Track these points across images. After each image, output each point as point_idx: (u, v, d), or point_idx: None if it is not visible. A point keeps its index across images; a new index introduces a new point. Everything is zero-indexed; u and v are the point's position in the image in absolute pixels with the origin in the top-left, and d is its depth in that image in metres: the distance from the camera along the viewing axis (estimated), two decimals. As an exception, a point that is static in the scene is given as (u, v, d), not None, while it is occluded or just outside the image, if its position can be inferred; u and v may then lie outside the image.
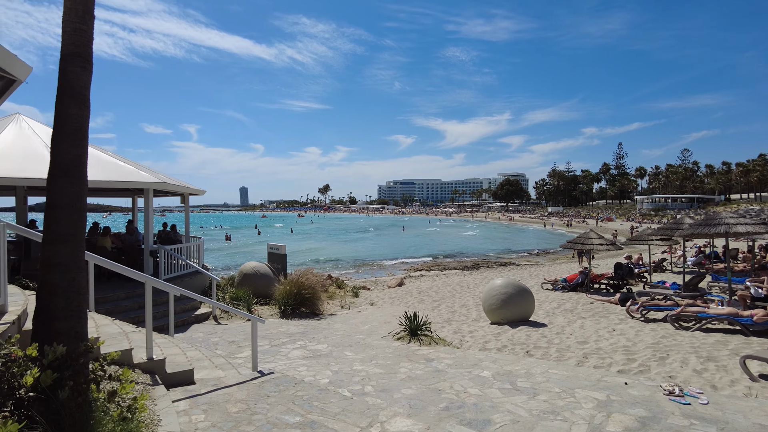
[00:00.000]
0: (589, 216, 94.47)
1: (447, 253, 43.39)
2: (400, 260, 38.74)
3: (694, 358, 7.56)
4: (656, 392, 5.67)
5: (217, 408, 4.75)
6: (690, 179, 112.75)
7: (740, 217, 10.62)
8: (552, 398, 5.55)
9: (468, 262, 36.23)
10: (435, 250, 45.96)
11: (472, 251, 44.92)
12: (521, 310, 10.59)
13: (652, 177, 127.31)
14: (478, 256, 41.56)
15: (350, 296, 15.76)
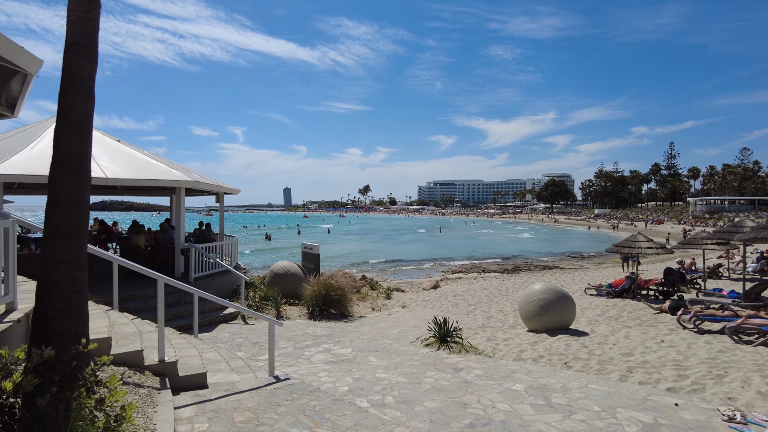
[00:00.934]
0: (638, 218, 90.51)
1: (486, 256, 42.41)
2: (438, 262, 38.13)
3: (759, 377, 6.77)
4: (713, 417, 5.03)
5: (223, 416, 4.50)
6: (750, 180, 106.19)
7: (810, 221, 9.58)
8: (590, 418, 5.01)
9: (508, 265, 35.20)
10: (474, 252, 45.04)
11: (514, 254, 43.73)
12: (561, 317, 9.94)
13: (707, 178, 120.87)
14: (519, 258, 40.44)
15: (382, 298, 15.41)
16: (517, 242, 57.55)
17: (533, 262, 37.43)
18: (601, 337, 9.54)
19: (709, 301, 12.31)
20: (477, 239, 63.10)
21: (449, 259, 40.34)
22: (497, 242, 58.20)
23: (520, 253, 44.21)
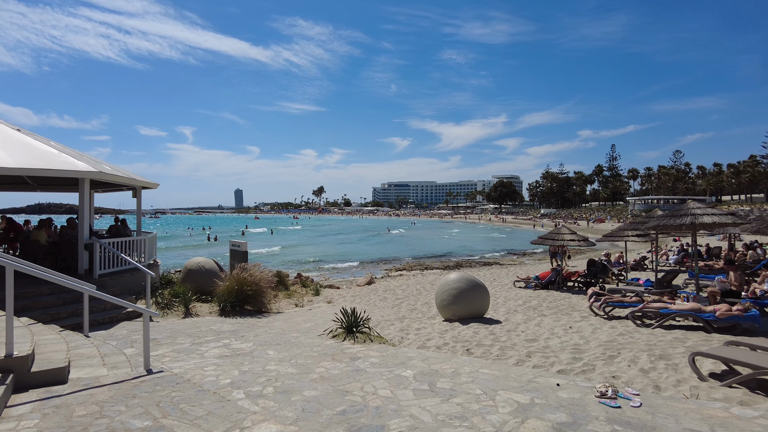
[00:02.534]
0: (581, 217, 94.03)
1: (432, 254, 42.73)
2: (384, 261, 38.03)
3: (646, 356, 6.91)
4: (588, 394, 5.00)
5: (62, 412, 4.06)
6: (682, 180, 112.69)
7: (708, 208, 10.00)
8: (468, 401, 4.88)
9: (451, 262, 35.55)
10: (422, 251, 45.29)
11: (460, 252, 44.30)
12: (474, 306, 9.92)
13: (645, 179, 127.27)
14: (465, 256, 40.97)
15: (311, 295, 15.05)
16: (464, 241, 58.42)
17: (476, 259, 38.00)
18: (513, 325, 9.58)
19: (626, 290, 12.67)
20: (429, 239, 63.55)
21: (396, 258, 40.33)
22: (445, 241, 58.89)
23: (465, 251, 44.86)
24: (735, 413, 4.42)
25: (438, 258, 39.79)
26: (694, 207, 10.03)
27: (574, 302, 12.31)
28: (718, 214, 9.60)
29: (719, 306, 8.58)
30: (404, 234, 73.43)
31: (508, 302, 12.90)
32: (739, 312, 8.34)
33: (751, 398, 5.27)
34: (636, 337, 8.18)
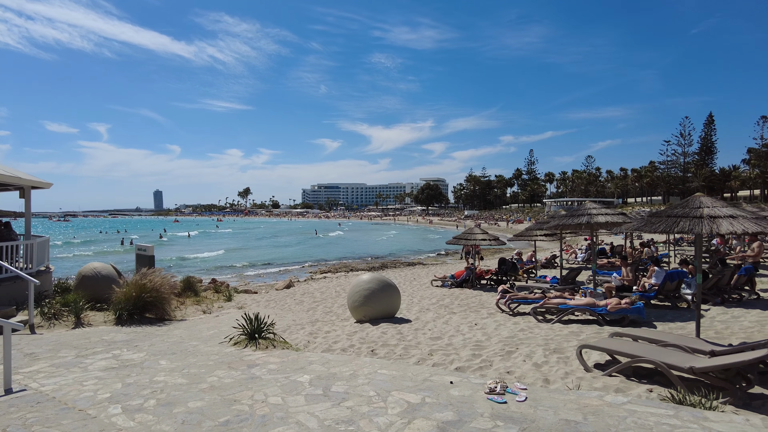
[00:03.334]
0: (502, 218, 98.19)
1: (359, 255, 42.74)
2: (310, 263, 37.47)
3: (541, 350, 7.19)
4: (478, 391, 5.07)
5: None
6: (593, 183, 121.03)
7: (603, 208, 10.67)
8: (359, 404, 4.79)
9: (377, 263, 35.66)
10: (349, 253, 45.15)
11: (386, 253, 44.61)
12: (385, 306, 9.92)
13: (560, 182, 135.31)
14: (390, 257, 41.28)
15: (222, 300, 14.43)
16: (392, 242, 59.03)
17: (401, 259, 38.42)
18: (422, 323, 9.68)
19: (533, 287, 13.24)
20: (361, 241, 63.45)
21: (323, 260, 39.89)
22: (374, 243, 59.17)
23: (392, 252, 45.26)
24: (608, 401, 4.65)
25: (365, 259, 39.82)
26: (591, 207, 10.67)
27: (484, 300, 12.69)
28: (610, 214, 10.28)
29: (610, 300, 9.16)
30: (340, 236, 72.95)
31: (423, 301, 13.06)
32: (626, 305, 8.94)
33: (626, 385, 5.60)
34: (536, 333, 8.53)
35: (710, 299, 11.23)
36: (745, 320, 9.30)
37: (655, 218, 6.90)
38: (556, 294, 10.59)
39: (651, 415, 4.24)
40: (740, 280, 11.96)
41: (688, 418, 4.17)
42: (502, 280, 15.88)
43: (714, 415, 4.23)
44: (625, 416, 4.23)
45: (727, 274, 11.72)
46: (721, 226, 6.18)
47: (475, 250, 17.38)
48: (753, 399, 5.22)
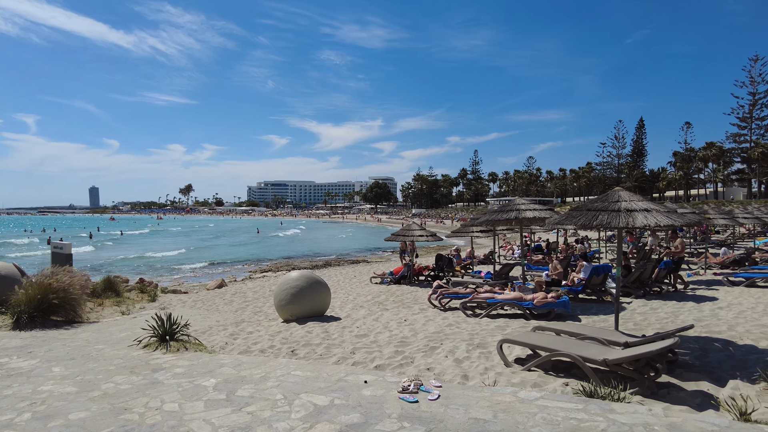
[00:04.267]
0: (447, 217, 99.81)
1: (303, 254, 41.98)
2: (251, 262, 36.38)
3: (465, 346, 7.09)
4: (392, 390, 4.84)
5: None
6: (534, 183, 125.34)
7: (531, 204, 10.79)
8: (262, 408, 4.44)
9: (320, 261, 35.13)
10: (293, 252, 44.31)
11: (332, 251, 44.07)
12: (313, 304, 9.57)
13: (503, 181, 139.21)
14: (334, 255, 40.77)
15: (146, 301, 13.57)
16: (339, 241, 58.54)
17: (345, 258, 38.07)
18: (351, 321, 9.42)
19: (467, 282, 13.27)
20: (313, 240, 62.33)
21: (266, 259, 38.87)
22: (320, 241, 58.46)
23: (337, 250, 44.74)
24: (521, 397, 4.53)
25: (311, 258, 39.15)
26: (520, 203, 10.78)
27: (419, 295, 12.59)
28: (539, 209, 10.40)
29: (537, 294, 9.24)
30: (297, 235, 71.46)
31: (359, 298, 12.81)
32: (552, 299, 9.04)
33: (543, 380, 5.56)
34: (463, 328, 8.45)
35: (633, 292, 11.63)
36: (662, 311, 9.64)
37: (576, 212, 6.95)
38: (487, 289, 10.61)
39: (561, 410, 4.15)
40: (660, 274, 12.48)
41: (595, 410, 4.11)
42: (439, 276, 15.89)
43: (620, 407, 4.19)
44: (535, 412, 4.12)
45: (649, 268, 12.19)
46: (637, 219, 6.28)
47: (410, 247, 17.35)
48: (660, 387, 5.30)
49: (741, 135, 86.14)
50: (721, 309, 9.77)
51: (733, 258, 17.81)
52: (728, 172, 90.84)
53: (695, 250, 22.72)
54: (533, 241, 29.02)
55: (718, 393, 5.11)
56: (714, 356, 6.45)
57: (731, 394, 5.04)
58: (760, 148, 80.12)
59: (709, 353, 6.62)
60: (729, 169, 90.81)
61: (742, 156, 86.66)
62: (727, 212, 23.48)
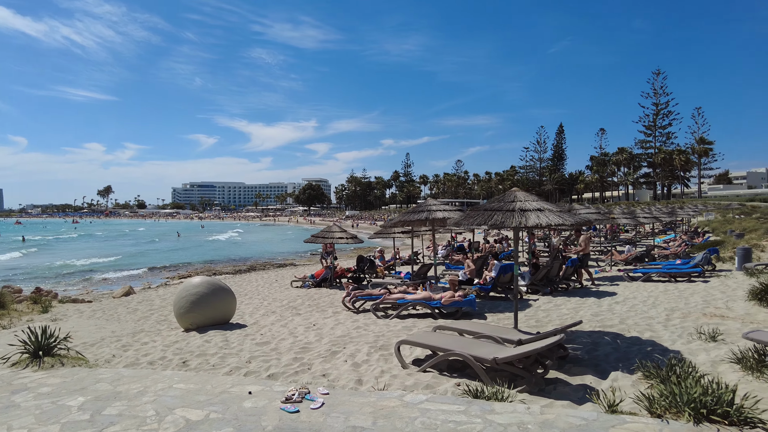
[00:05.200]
0: (380, 218, 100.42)
1: (228, 258, 40.48)
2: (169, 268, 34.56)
3: (367, 348, 6.96)
4: (276, 400, 4.59)
5: None
6: (462, 186, 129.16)
7: (442, 205, 10.91)
8: (127, 428, 4.04)
9: (244, 266, 33.98)
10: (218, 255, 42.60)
11: (261, 254, 42.81)
12: (216, 312, 9.09)
13: (433, 184, 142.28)
14: (261, 259, 39.61)
15: (37, 312, 12.37)
16: (269, 243, 57.03)
17: (273, 261, 37.12)
18: (258, 327, 9.04)
19: (385, 283, 13.21)
20: (248, 243, 60.02)
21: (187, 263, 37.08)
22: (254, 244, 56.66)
23: (266, 253, 43.51)
24: (407, 400, 4.44)
25: (235, 261, 37.78)
26: (431, 204, 10.88)
27: (336, 299, 12.37)
28: (448, 210, 10.53)
29: (445, 294, 9.31)
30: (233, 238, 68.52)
31: (274, 303, 12.40)
32: (459, 297, 9.14)
33: (437, 381, 5.52)
34: (371, 330, 8.33)
35: (541, 289, 12.08)
36: (564, 308, 10.05)
37: (474, 212, 7.04)
38: (400, 289, 10.58)
39: (442, 413, 4.09)
40: (568, 271, 13.07)
41: (476, 412, 4.08)
42: (360, 278, 15.77)
43: (501, 407, 4.19)
44: (416, 416, 4.03)
45: (556, 265, 12.71)
46: (529, 218, 6.43)
47: (328, 249, 17.14)
48: (549, 383, 5.41)
49: (647, 141, 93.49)
50: (617, 303, 10.34)
51: (635, 255, 19.10)
52: (637, 176, 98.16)
53: (605, 248, 24.21)
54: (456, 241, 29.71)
55: (600, 385, 5.29)
56: (602, 349, 6.74)
57: (611, 386, 5.24)
58: (662, 153, 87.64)
59: (599, 347, 6.91)
60: (638, 172, 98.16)
61: (648, 161, 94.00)
62: (629, 212, 25.19)
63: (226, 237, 69.69)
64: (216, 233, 78.48)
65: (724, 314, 8.78)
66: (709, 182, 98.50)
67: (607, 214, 20.33)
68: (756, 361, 5.57)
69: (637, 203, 74.83)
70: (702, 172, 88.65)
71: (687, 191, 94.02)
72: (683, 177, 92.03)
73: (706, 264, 14.60)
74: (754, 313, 8.78)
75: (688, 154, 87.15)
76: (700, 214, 43.39)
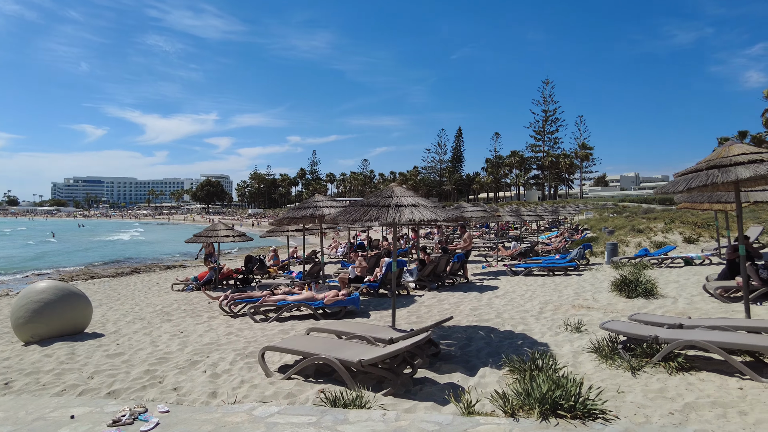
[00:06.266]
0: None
1: (108, 259, 36.99)
2: (40, 271, 30.78)
3: (233, 356, 6.39)
4: (101, 424, 3.92)
5: None
6: (368, 185, 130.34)
7: (330, 202, 10.56)
8: None
9: (128, 268, 31.19)
10: (97, 257, 38.80)
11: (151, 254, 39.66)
12: (65, 321, 7.94)
13: (340, 182, 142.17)
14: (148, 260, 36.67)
15: None
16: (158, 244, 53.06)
17: (161, 262, 34.52)
18: (116, 337, 8.06)
19: (274, 283, 12.59)
20: (148, 243, 55.04)
21: (60, 267, 33.25)
22: (132, 245, 52.34)
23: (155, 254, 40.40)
24: (255, 414, 3.99)
25: (119, 264, 34.56)
26: (318, 200, 10.49)
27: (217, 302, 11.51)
28: (335, 206, 10.19)
29: (328, 293, 8.96)
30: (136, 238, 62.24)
31: (146, 309, 11.27)
32: (343, 296, 8.85)
33: (300, 389, 5.12)
34: (244, 335, 7.76)
35: (427, 285, 12.18)
36: (446, 303, 10.16)
37: (351, 207, 6.77)
38: (285, 290, 10.06)
39: (290, 426, 3.69)
40: (454, 267, 13.34)
41: (328, 423, 3.74)
42: (248, 279, 14.96)
43: (356, 415, 3.90)
44: (259, 432, 3.60)
45: (443, 261, 12.91)
46: (404, 214, 6.28)
47: (208, 251, 16.15)
48: (416, 384, 5.24)
49: (537, 146, 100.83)
50: (497, 297, 10.66)
51: (520, 251, 20.17)
52: (528, 177, 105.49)
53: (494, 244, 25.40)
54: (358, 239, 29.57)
55: (467, 383, 5.21)
56: (476, 344, 6.77)
57: (478, 382, 5.19)
58: (549, 157, 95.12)
59: (473, 342, 6.94)
60: (528, 174, 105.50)
61: (538, 164, 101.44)
62: (515, 210, 26.68)
63: (134, 235, 64.24)
64: (114, 233, 71.78)
65: (591, 305, 9.35)
66: (590, 184, 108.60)
67: (493, 212, 21.27)
68: (610, 350, 5.85)
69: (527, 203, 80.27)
70: (584, 174, 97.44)
71: (571, 192, 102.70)
72: (567, 179, 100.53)
73: (580, 258, 15.72)
74: (615, 303, 9.45)
75: (572, 158, 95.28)
76: (580, 213, 47.34)
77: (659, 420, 3.99)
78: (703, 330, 5.83)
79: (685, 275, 12.07)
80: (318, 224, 11.29)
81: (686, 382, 4.86)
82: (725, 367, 5.16)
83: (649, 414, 4.11)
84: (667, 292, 9.99)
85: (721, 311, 8.03)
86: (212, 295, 11.19)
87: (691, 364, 5.28)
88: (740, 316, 7.06)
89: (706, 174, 6.27)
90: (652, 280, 10.06)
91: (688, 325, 6.16)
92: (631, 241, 19.72)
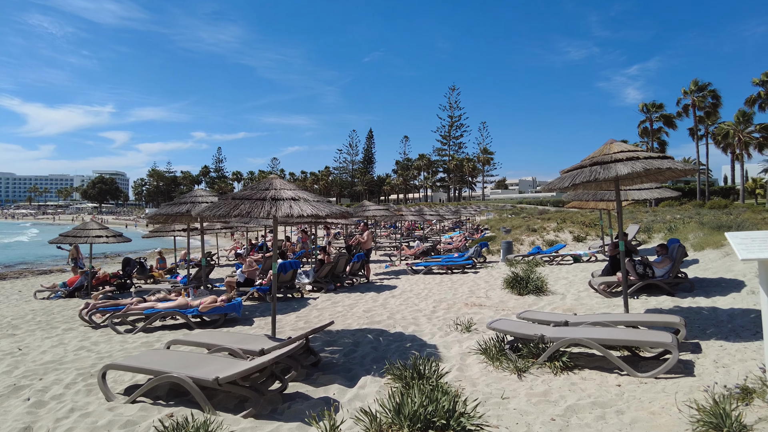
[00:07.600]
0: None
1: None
2: None
3: (74, 376, 5.38)
4: None
5: None
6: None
7: (210, 197, 9.68)
8: None
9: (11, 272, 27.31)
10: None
11: (24, 258, 35.06)
12: None
13: (247, 181, 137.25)
14: (22, 265, 32.40)
15: None
16: (40, 246, 47.42)
17: (38, 266, 30.57)
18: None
19: (157, 289, 11.33)
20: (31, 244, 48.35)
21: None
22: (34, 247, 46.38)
23: (31, 257, 35.82)
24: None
25: None
26: (198, 195, 9.56)
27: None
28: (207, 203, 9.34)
29: (205, 299, 8.08)
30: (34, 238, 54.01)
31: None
32: (222, 303, 8.01)
33: (145, 414, 4.30)
34: (98, 349, 6.70)
35: (324, 286, 11.62)
36: (341, 305, 9.67)
37: (221, 201, 6.01)
38: (159, 296, 8.97)
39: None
40: (355, 267, 12.89)
41: (154, 461, 3.04)
42: (126, 284, 13.43)
43: (194, 447, 3.23)
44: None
45: (342, 261, 12.41)
46: (281, 208, 5.67)
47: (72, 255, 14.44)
48: (287, 400, 4.65)
49: (443, 150, 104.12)
50: (393, 297, 10.36)
51: (422, 249, 20.26)
52: (435, 180, 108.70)
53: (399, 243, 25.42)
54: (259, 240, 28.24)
55: (344, 396, 4.72)
56: (362, 350, 6.32)
57: (356, 395, 4.71)
58: (455, 161, 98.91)
59: (359, 346, 6.49)
60: (435, 177, 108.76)
61: (444, 167, 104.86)
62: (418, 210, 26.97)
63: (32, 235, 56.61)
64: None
65: (483, 303, 9.31)
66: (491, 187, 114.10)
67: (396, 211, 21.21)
68: (497, 351, 5.66)
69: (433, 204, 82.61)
70: (485, 178, 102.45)
71: (474, 194, 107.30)
72: (471, 182, 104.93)
73: (478, 257, 16.00)
74: (507, 300, 9.51)
75: (474, 162, 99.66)
76: (481, 214, 49.34)
77: (540, 428, 3.76)
78: (586, 327, 5.86)
79: (573, 272, 12.60)
80: (200, 223, 10.26)
81: (569, 383, 4.75)
82: (606, 363, 5.17)
83: (531, 422, 3.88)
84: (556, 288, 10.27)
85: (604, 306, 8.30)
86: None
87: (574, 363, 5.23)
88: (620, 310, 7.27)
89: (589, 170, 6.38)
90: (543, 277, 10.29)
91: (573, 322, 6.18)
92: (526, 240, 20.56)
